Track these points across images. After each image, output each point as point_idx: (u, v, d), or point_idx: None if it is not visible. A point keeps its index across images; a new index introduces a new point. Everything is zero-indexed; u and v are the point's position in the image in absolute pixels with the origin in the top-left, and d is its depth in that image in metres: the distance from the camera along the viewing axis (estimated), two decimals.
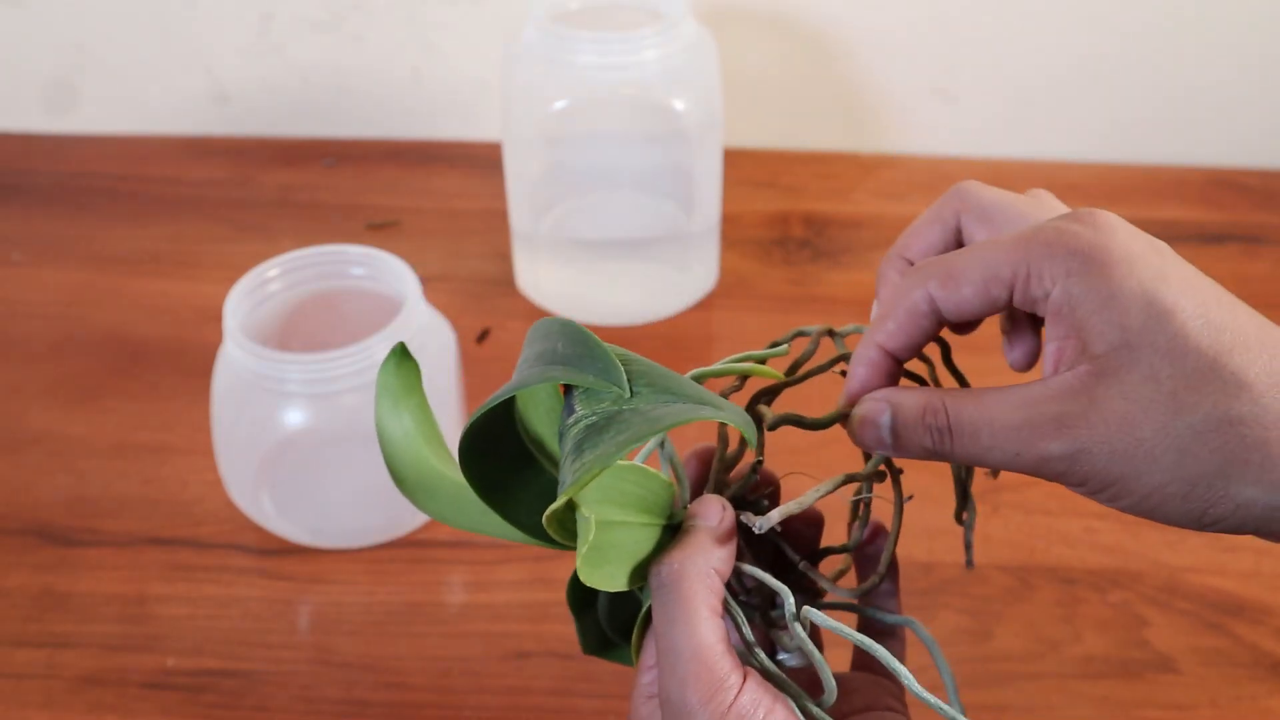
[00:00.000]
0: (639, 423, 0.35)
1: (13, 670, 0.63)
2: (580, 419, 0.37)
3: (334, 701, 0.61)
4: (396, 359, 0.44)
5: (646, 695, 0.39)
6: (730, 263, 0.91)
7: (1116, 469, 0.35)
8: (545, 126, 0.83)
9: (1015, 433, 0.36)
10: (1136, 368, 0.35)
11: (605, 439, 0.35)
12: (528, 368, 0.38)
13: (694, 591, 0.36)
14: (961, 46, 1.02)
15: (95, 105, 1.08)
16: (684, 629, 0.35)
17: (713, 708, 0.34)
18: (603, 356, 0.37)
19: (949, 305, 0.38)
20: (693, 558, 0.37)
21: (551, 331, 0.39)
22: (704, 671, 0.34)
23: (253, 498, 0.68)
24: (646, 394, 0.37)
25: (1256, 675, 0.62)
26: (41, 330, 0.86)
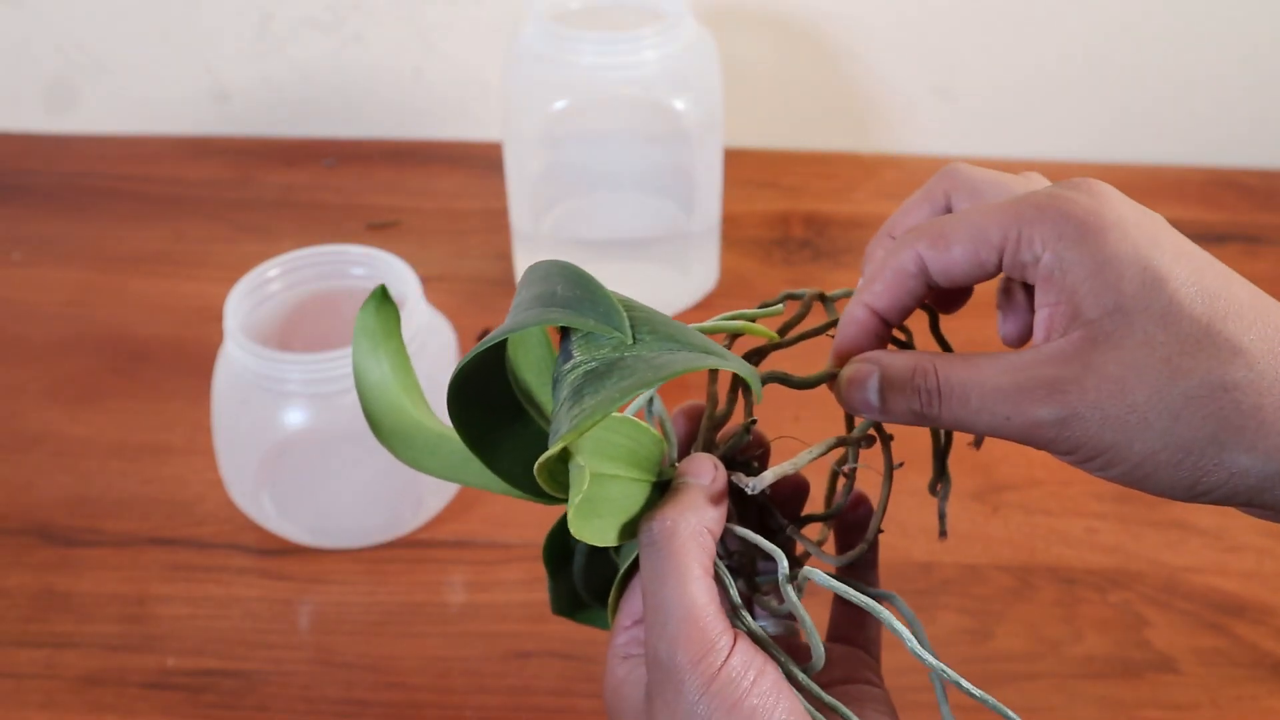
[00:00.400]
0: (643, 369, 0.34)
1: (13, 670, 0.63)
2: (579, 364, 0.35)
3: (334, 701, 0.61)
4: (377, 301, 0.43)
5: (623, 655, 0.38)
6: (730, 263, 0.91)
7: (1109, 435, 0.34)
8: (545, 126, 0.83)
9: (1006, 396, 0.36)
10: (1131, 333, 0.34)
11: (608, 384, 0.34)
12: (524, 310, 0.37)
13: (686, 549, 0.35)
14: (961, 46, 1.02)
15: (95, 105, 1.08)
16: (675, 588, 0.35)
17: (702, 668, 0.34)
18: (605, 300, 0.36)
19: (937, 266, 0.38)
20: (685, 515, 0.36)
21: (550, 273, 0.38)
22: (695, 632, 0.34)
23: (253, 498, 0.68)
24: (649, 340, 0.36)
25: (1256, 675, 0.62)
26: (41, 330, 0.86)
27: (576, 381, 0.35)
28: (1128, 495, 0.72)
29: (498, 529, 0.70)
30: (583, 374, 0.35)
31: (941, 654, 0.63)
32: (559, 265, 0.38)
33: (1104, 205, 0.36)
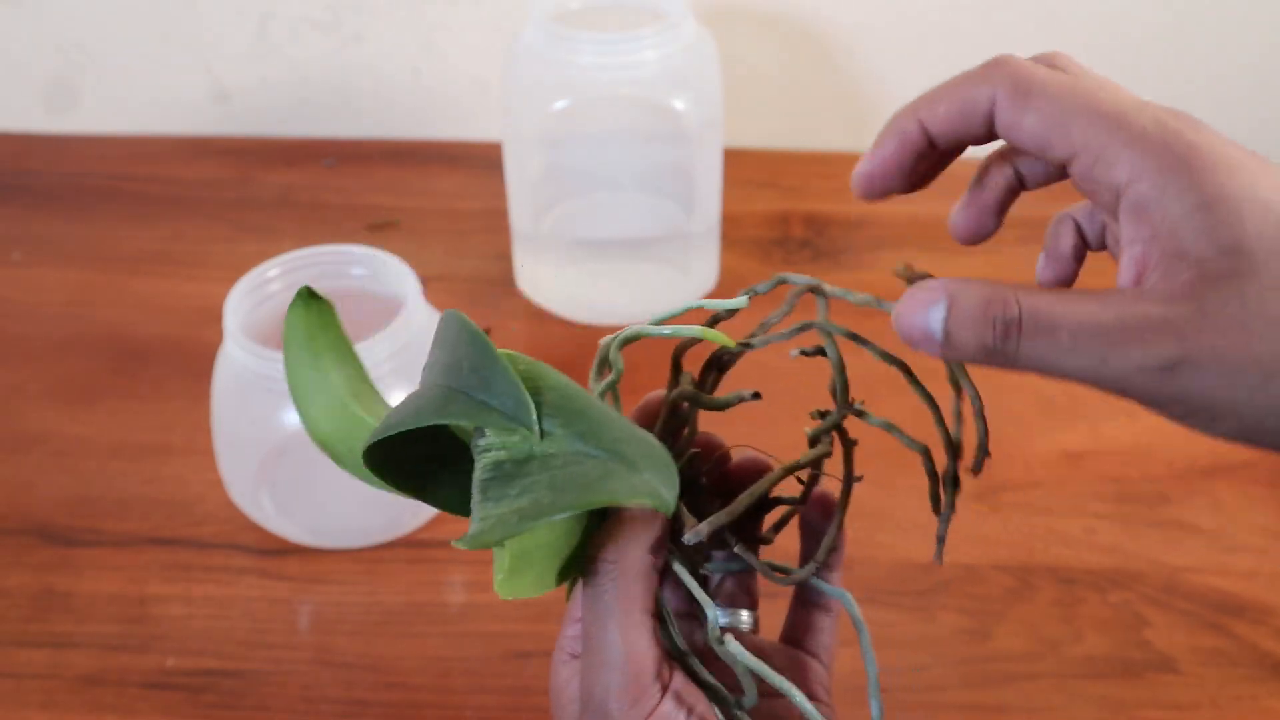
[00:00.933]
0: (542, 487, 0.33)
1: (13, 670, 0.63)
2: (489, 448, 0.34)
3: (334, 701, 0.61)
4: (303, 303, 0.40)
5: (569, 653, 0.38)
6: (730, 263, 0.91)
7: (1224, 388, 0.30)
8: (545, 126, 0.83)
9: (1104, 333, 0.31)
10: (1255, 274, 0.30)
11: (508, 496, 0.33)
12: (432, 383, 0.36)
13: (630, 592, 0.35)
14: (961, 46, 1.02)
15: (95, 105, 1.08)
16: (616, 633, 0.34)
17: (633, 714, 0.34)
18: (510, 389, 0.34)
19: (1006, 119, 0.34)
20: (629, 554, 0.35)
21: (460, 341, 0.36)
22: (628, 681, 0.34)
23: (253, 498, 0.68)
24: (559, 436, 0.34)
25: (1256, 675, 0.62)
26: (41, 330, 0.86)
27: (486, 472, 0.34)
28: (1128, 495, 0.72)
29: None
30: (491, 465, 0.34)
31: (941, 654, 0.63)
32: (468, 333, 0.35)
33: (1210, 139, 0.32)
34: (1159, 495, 0.72)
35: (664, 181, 0.88)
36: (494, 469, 0.34)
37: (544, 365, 0.36)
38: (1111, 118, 0.33)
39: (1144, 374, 0.31)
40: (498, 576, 0.34)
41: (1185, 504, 0.72)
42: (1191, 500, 0.72)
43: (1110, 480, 0.73)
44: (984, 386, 0.41)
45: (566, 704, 0.38)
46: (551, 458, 0.34)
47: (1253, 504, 0.72)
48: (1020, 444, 0.76)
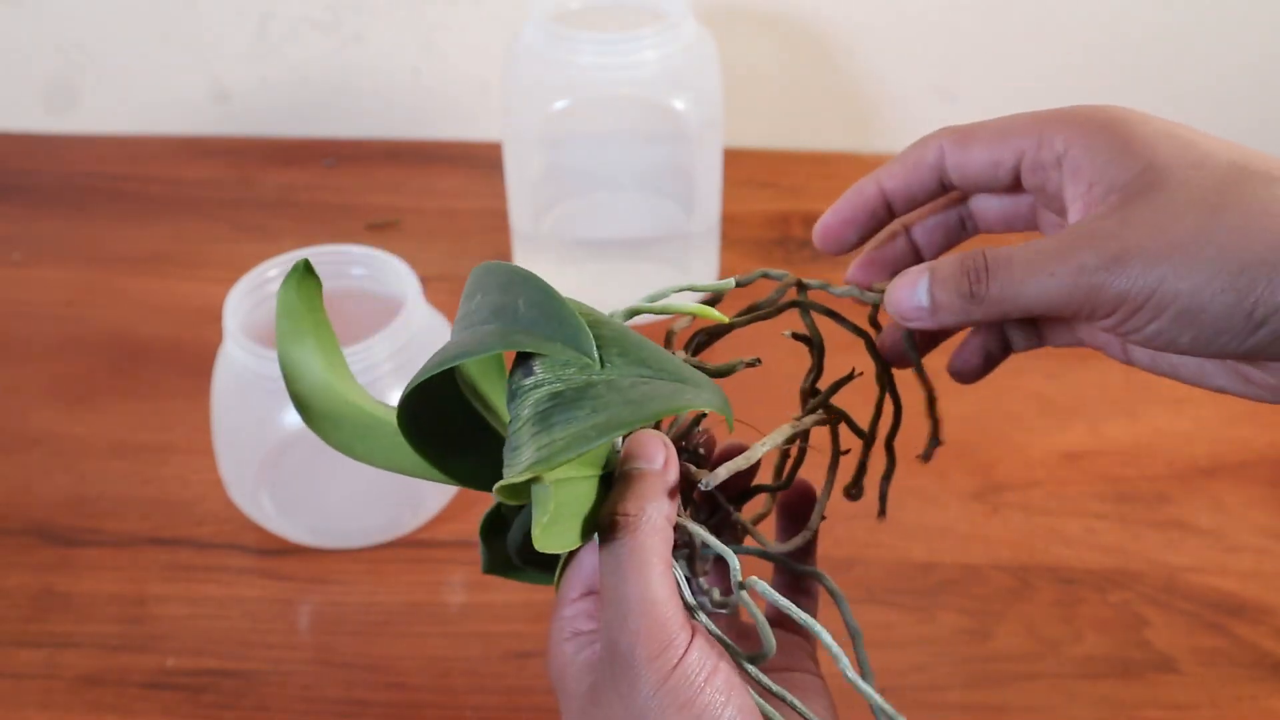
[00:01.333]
0: (618, 404, 0.33)
1: (13, 670, 0.63)
2: (542, 383, 0.34)
3: (334, 701, 0.61)
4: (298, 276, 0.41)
5: (569, 632, 0.38)
6: (730, 263, 0.91)
7: (1155, 274, 0.34)
8: (545, 126, 0.83)
9: (1051, 255, 0.36)
10: (1166, 182, 0.35)
11: (580, 417, 0.33)
12: (482, 324, 0.36)
13: (648, 544, 0.35)
14: (961, 46, 1.02)
15: (95, 105, 1.08)
16: (636, 582, 0.35)
17: (659, 664, 0.34)
18: (572, 321, 0.35)
19: (955, 160, 0.40)
20: (646, 508, 0.36)
21: (512, 283, 0.36)
22: (654, 627, 0.34)
23: (253, 498, 0.68)
24: (619, 364, 0.35)
25: (1256, 675, 0.62)
26: (41, 330, 0.86)
27: (542, 404, 0.34)
28: (1128, 495, 0.72)
29: None
30: (548, 395, 0.34)
31: (941, 654, 0.63)
32: (521, 275, 0.36)
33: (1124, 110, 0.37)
34: (1159, 495, 0.72)
35: (664, 181, 0.88)
36: (553, 399, 0.34)
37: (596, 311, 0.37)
38: (1046, 114, 0.39)
39: (1087, 279, 0.35)
40: (541, 520, 0.34)
41: (1185, 504, 0.72)
42: (1191, 500, 0.72)
43: (1110, 480, 0.73)
44: (986, 389, 0.42)
45: (573, 676, 0.37)
46: (617, 381, 0.34)
47: (1253, 504, 0.72)
48: (1020, 444, 0.76)
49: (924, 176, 0.41)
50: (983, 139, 0.39)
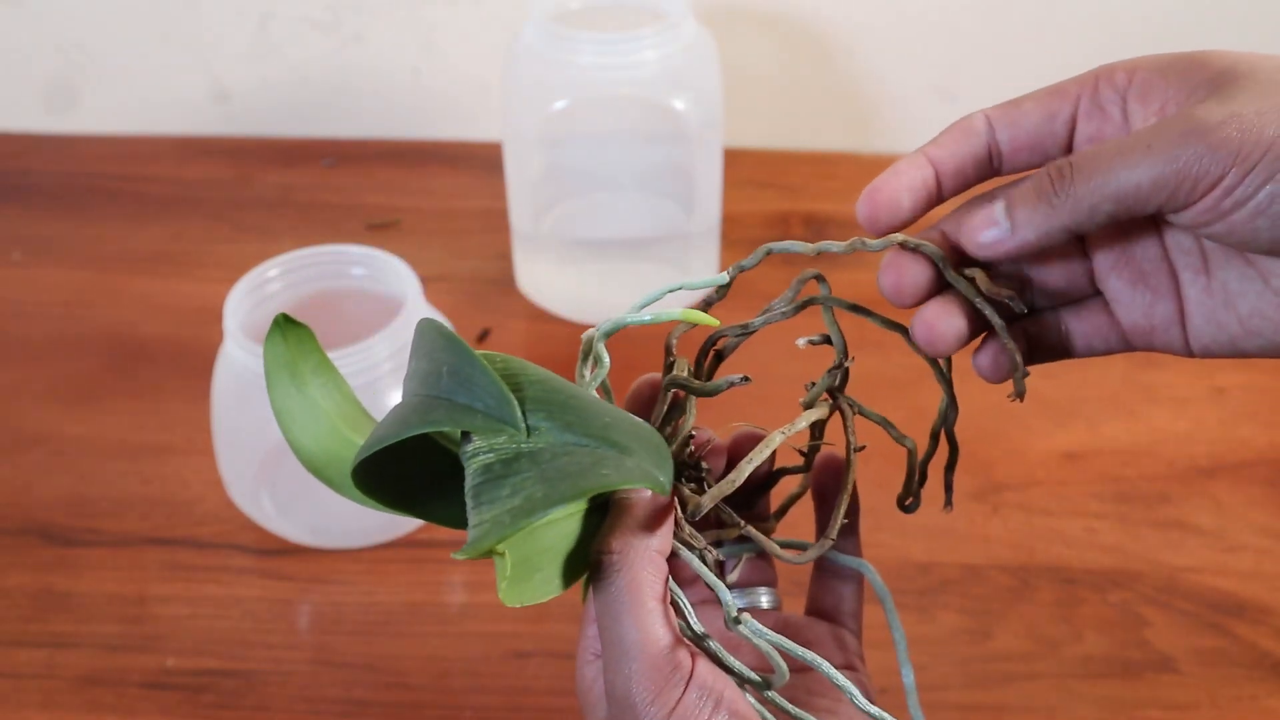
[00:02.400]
0: (533, 482, 0.32)
1: (13, 670, 0.63)
2: (477, 452, 0.33)
3: (334, 701, 0.61)
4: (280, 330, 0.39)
5: (593, 654, 0.38)
6: (730, 262, 0.91)
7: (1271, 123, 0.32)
8: (545, 126, 0.83)
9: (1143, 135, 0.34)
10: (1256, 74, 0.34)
11: (500, 498, 0.32)
12: (411, 394, 0.35)
13: (638, 580, 0.34)
14: (961, 46, 1.02)
15: (95, 105, 1.08)
16: (629, 623, 0.34)
17: (657, 707, 0.33)
18: (490, 388, 0.33)
19: (1004, 120, 0.38)
20: (633, 543, 0.34)
21: (436, 348, 0.35)
22: (649, 669, 0.33)
23: (253, 498, 0.68)
24: (545, 430, 0.33)
25: (1256, 675, 0.62)
26: (41, 330, 0.86)
27: (476, 476, 0.33)
28: (1128, 495, 0.72)
29: None
30: (480, 469, 0.33)
31: (941, 654, 0.63)
32: (443, 338, 0.35)
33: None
34: (1159, 495, 0.72)
35: (664, 181, 0.88)
36: (483, 473, 0.33)
37: (523, 361, 0.35)
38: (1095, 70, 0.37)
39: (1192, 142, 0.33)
40: (501, 585, 0.33)
41: (1185, 504, 0.72)
42: (1191, 500, 0.72)
43: (1110, 480, 0.73)
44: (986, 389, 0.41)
45: (594, 703, 0.37)
46: (540, 452, 0.33)
47: (1253, 504, 0.72)
48: (1020, 444, 0.76)
49: (974, 146, 0.38)
50: (1034, 97, 0.38)
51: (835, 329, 0.41)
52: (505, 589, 0.33)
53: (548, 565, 0.34)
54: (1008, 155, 0.38)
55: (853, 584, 0.44)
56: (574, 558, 0.35)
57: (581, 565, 0.35)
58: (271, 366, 0.39)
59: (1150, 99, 0.36)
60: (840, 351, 0.41)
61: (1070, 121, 0.37)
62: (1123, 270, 0.39)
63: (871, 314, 0.41)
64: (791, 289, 0.41)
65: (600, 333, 0.39)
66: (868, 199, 0.38)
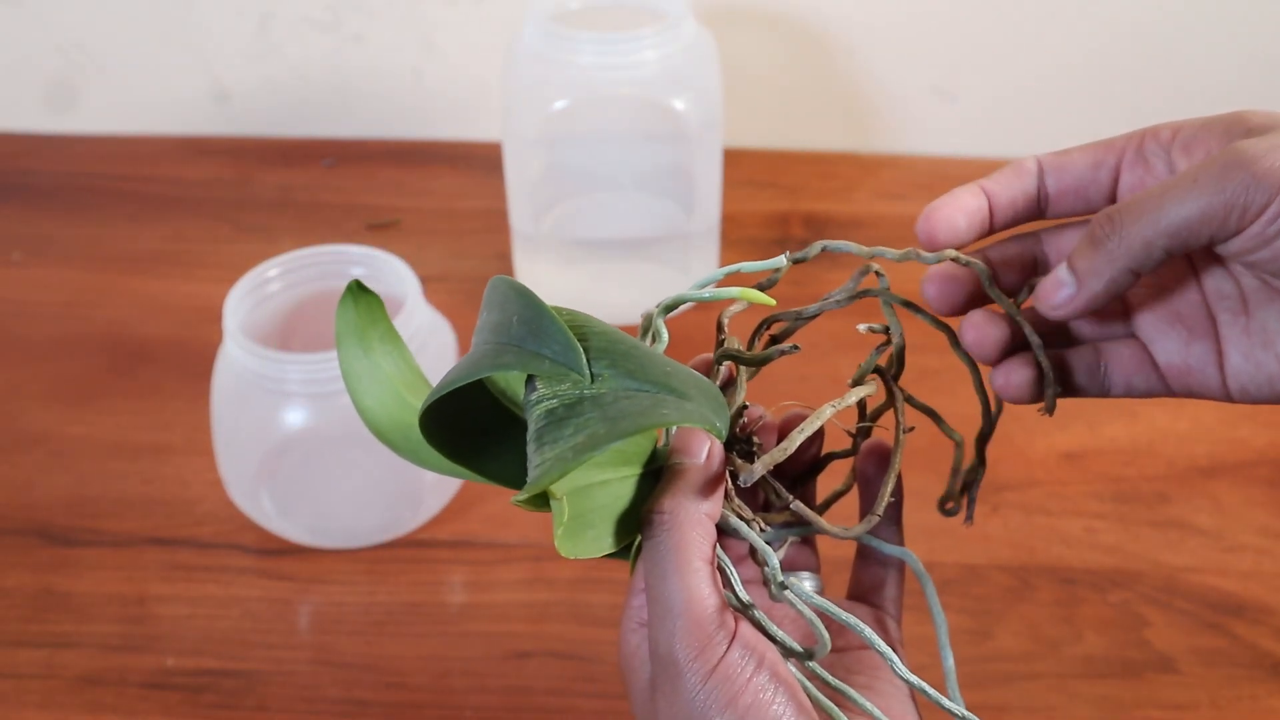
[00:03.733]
0: (596, 421, 0.34)
1: (13, 670, 0.63)
2: (541, 399, 0.35)
3: (334, 701, 0.62)
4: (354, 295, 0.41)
5: (637, 622, 0.38)
6: (731, 262, 0.91)
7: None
8: (545, 126, 0.83)
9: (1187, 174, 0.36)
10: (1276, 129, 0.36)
11: (564, 437, 0.34)
12: (482, 343, 0.36)
13: (686, 541, 0.35)
14: (961, 46, 1.02)
15: (95, 105, 1.08)
16: (675, 582, 0.35)
17: (701, 663, 0.34)
18: (559, 335, 0.35)
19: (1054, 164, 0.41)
20: (684, 504, 0.36)
21: (508, 300, 0.37)
22: (693, 626, 0.34)
23: (253, 498, 0.68)
24: (608, 377, 0.35)
25: (1256, 675, 0.62)
26: (41, 330, 0.86)
27: (539, 420, 0.35)
28: (1128, 495, 0.72)
29: (497, 529, 0.70)
30: (544, 413, 0.35)
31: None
32: (515, 291, 0.36)
33: None
34: (1159, 495, 0.72)
35: (664, 181, 0.88)
36: (547, 416, 0.34)
37: (588, 315, 0.37)
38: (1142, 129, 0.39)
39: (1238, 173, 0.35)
40: (557, 531, 0.34)
41: (1185, 504, 0.72)
42: (1191, 500, 0.72)
43: (1110, 480, 0.73)
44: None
45: (637, 668, 0.38)
46: (602, 396, 0.34)
47: (1253, 504, 0.72)
48: (1020, 444, 0.76)
49: (1025, 184, 0.41)
50: (1082, 148, 0.40)
51: (894, 319, 0.43)
52: (561, 535, 0.34)
53: (600, 523, 0.36)
54: (1054, 199, 0.41)
55: (895, 571, 0.44)
56: (626, 519, 0.36)
57: (633, 527, 0.37)
58: (342, 331, 0.41)
59: (1194, 150, 0.38)
60: (897, 340, 0.42)
61: (1115, 170, 0.40)
62: (1160, 311, 0.41)
63: (922, 312, 0.42)
64: (852, 280, 0.43)
65: (660, 308, 0.40)
66: (927, 218, 0.41)
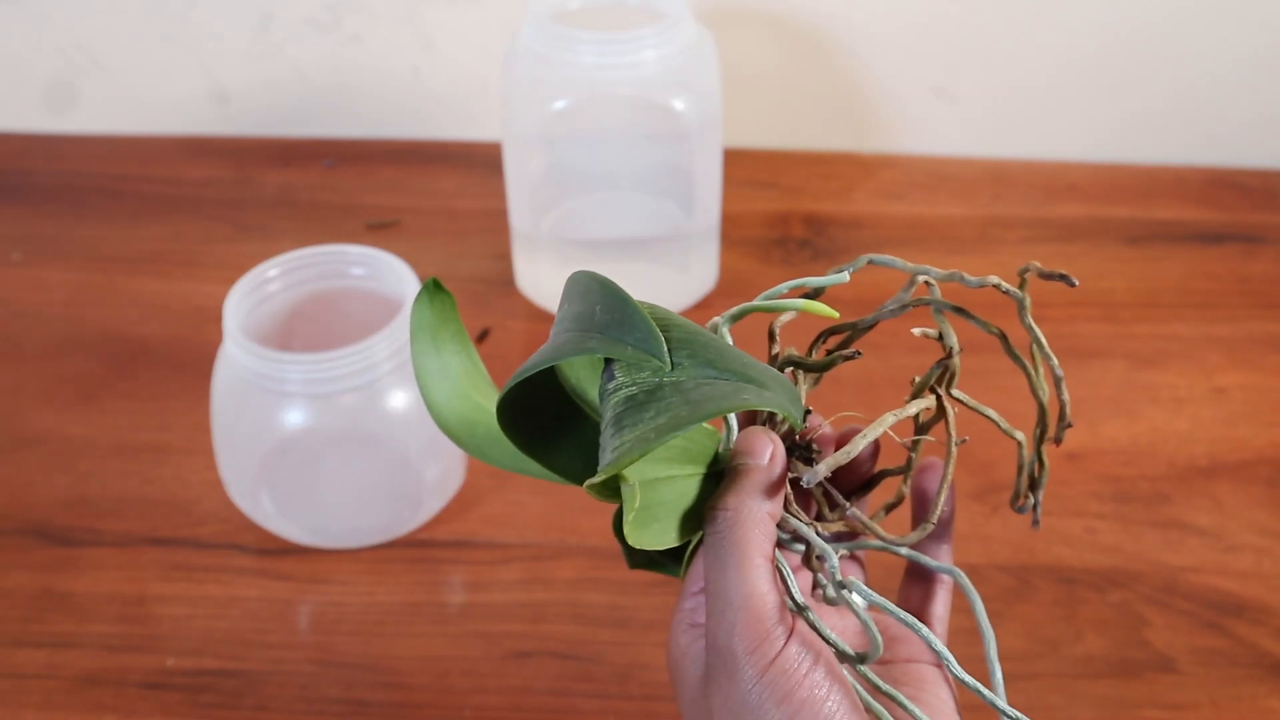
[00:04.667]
0: (678, 405, 0.34)
1: (13, 670, 0.63)
2: (620, 387, 0.36)
3: (334, 701, 0.62)
4: (430, 294, 0.43)
5: (688, 623, 0.39)
6: (730, 263, 0.91)
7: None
8: (545, 126, 0.83)
9: None
10: None
11: (644, 420, 0.35)
12: (564, 331, 0.37)
13: (748, 538, 0.36)
14: (961, 46, 1.02)
15: (95, 105, 1.08)
16: (736, 576, 0.35)
17: (757, 658, 0.34)
18: (642, 324, 0.36)
19: None
20: (747, 502, 0.36)
21: (590, 291, 0.38)
22: (753, 620, 0.35)
23: (253, 498, 0.68)
24: (688, 366, 0.36)
25: (1256, 675, 0.62)
26: (41, 330, 0.86)
27: (618, 406, 0.35)
28: (1128, 495, 0.72)
29: (497, 529, 0.71)
30: (623, 399, 0.36)
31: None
32: (598, 282, 0.38)
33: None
34: (1159, 495, 0.72)
35: (664, 181, 0.88)
36: (626, 402, 0.35)
37: (668, 310, 0.38)
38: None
39: None
40: (628, 516, 0.35)
41: (1185, 504, 0.72)
42: (1191, 500, 0.72)
43: (1110, 480, 0.73)
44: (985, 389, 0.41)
45: (687, 666, 0.38)
46: (682, 382, 0.35)
47: (1253, 504, 0.72)
48: None
49: None
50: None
51: (947, 327, 0.43)
52: (631, 521, 0.35)
53: (666, 517, 0.37)
54: None
55: (943, 589, 0.45)
56: (689, 516, 0.37)
57: (694, 525, 0.37)
58: (416, 328, 0.43)
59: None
60: (952, 345, 0.43)
61: None
62: None
63: (974, 317, 0.43)
64: (904, 290, 0.44)
65: (726, 317, 0.41)
66: None
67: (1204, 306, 0.88)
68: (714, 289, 0.89)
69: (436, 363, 0.42)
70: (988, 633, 0.41)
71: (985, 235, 0.94)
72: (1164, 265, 0.92)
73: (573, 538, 0.70)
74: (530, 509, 0.72)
